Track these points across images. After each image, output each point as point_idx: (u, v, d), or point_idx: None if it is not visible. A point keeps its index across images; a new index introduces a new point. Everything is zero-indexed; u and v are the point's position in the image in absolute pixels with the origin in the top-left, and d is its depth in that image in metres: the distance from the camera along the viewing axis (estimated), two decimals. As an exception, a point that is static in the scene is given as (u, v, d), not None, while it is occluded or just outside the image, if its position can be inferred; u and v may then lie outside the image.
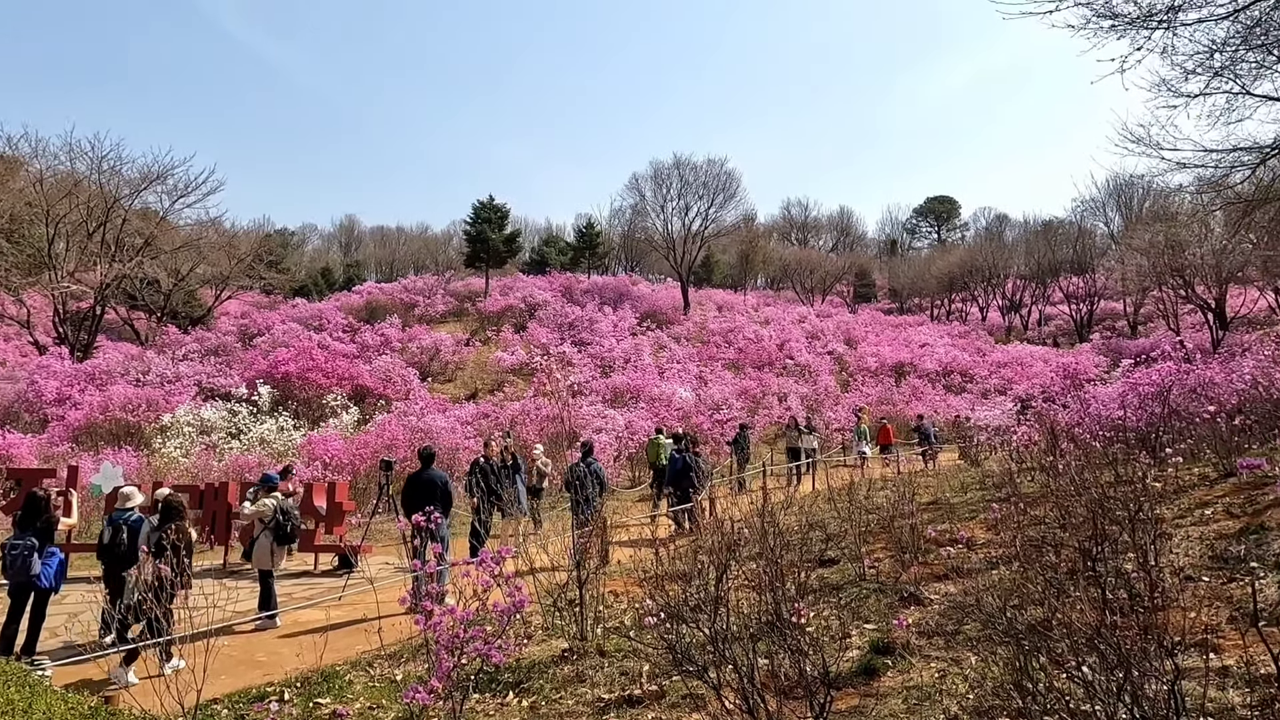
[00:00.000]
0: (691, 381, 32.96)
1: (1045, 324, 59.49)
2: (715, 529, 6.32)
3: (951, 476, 16.03)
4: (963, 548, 7.84)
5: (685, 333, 43.86)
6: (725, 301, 55.03)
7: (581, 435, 22.73)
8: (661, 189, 52.21)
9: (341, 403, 26.26)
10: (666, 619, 5.08)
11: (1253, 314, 39.86)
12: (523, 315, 44.75)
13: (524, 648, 6.89)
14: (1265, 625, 4.90)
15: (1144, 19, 13.14)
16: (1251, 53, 18.49)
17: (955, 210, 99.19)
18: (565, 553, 7.69)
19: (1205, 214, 30.02)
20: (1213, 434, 10.66)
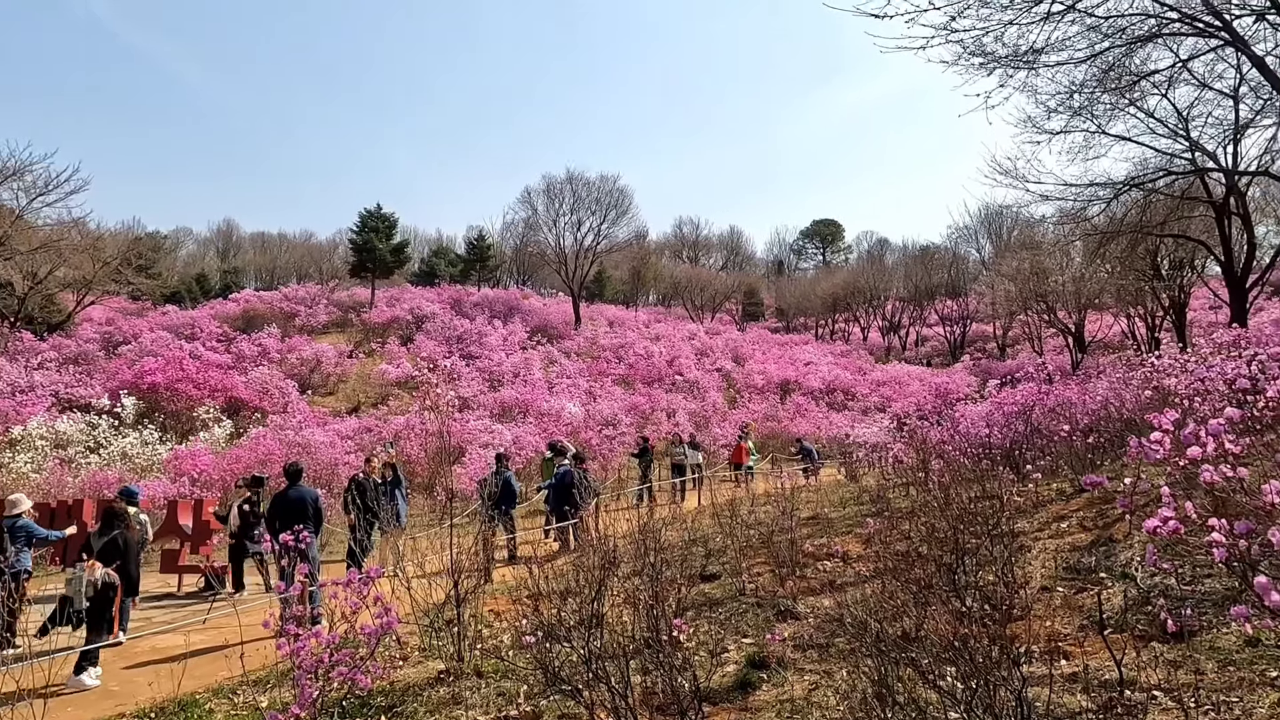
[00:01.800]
0: (581, 397, 32.88)
1: (922, 345, 62.17)
2: (595, 546, 6.28)
3: (831, 492, 16.48)
4: (838, 562, 8.04)
5: (576, 348, 43.79)
6: (617, 317, 55.26)
7: (468, 451, 22.37)
8: (554, 203, 52.20)
9: (214, 416, 25.02)
10: (544, 638, 5.00)
11: (1108, 338, 42.67)
12: (410, 327, 43.75)
13: (398, 670, 6.67)
14: (1111, 632, 5.19)
15: (1011, 58, 13.89)
16: (1107, 95, 19.85)
17: (839, 233, 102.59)
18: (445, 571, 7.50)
19: (1066, 244, 31.92)
20: (1069, 451, 11.30)
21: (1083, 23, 15.99)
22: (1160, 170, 22.02)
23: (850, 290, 66.94)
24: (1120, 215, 23.99)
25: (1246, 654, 4.40)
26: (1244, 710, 3.79)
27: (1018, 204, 34.89)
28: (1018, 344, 53.16)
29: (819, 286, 71.41)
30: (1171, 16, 16.81)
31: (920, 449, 12.35)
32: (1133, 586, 5.91)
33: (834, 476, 21.27)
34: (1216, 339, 11.13)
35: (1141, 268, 29.88)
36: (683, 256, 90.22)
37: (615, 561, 6.06)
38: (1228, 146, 22.40)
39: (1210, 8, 16.44)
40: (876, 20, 7.15)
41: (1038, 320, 43.54)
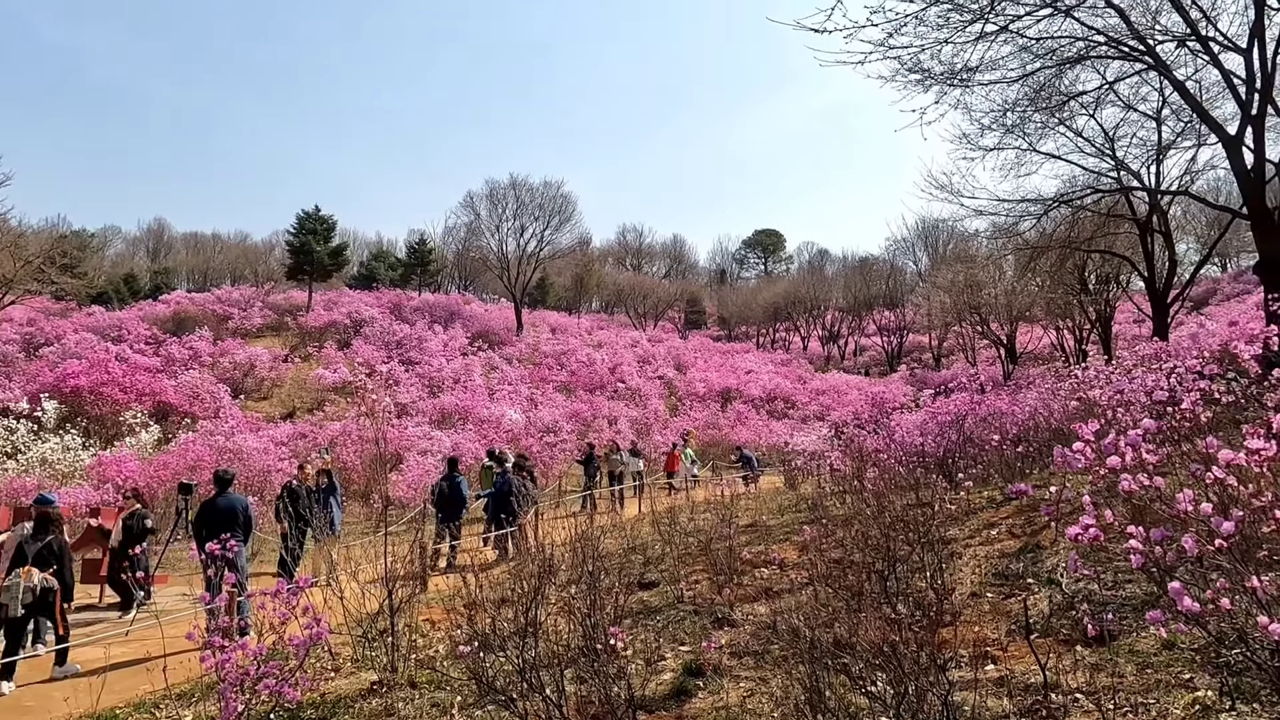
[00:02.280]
0: (523, 403, 32.70)
1: (860, 354, 63.24)
2: (533, 554, 6.23)
3: (771, 499, 16.64)
4: (776, 569, 8.10)
5: (518, 354, 43.53)
6: (559, 324, 55.09)
7: (406, 458, 22.05)
8: (497, 208, 51.86)
9: (141, 420, 24.23)
10: (479, 648, 4.94)
11: (1038, 350, 43.90)
12: (348, 332, 43.00)
13: (329, 681, 6.53)
14: (1037, 637, 5.31)
15: (946, 76, 14.24)
16: (1038, 113, 20.48)
17: (781, 243, 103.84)
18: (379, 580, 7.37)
19: (999, 257, 32.78)
20: (1000, 460, 11.59)
21: (1015, 43, 16.47)
22: (1088, 188, 22.76)
23: (791, 300, 67.82)
24: (1050, 231, 24.71)
25: (1164, 656, 4.54)
26: (1159, 711, 3.91)
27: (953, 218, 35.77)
28: (953, 354, 54.36)
29: (760, 296, 72.19)
30: (1098, 40, 17.41)
31: (856, 457, 12.53)
32: (1058, 592, 6.06)
33: (774, 484, 21.46)
34: (1139, 351, 11.51)
35: (1070, 282, 30.80)
36: (626, 264, 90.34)
37: (552, 570, 6.02)
38: (1151, 166, 23.26)
39: (1135, 32, 17.06)
40: (817, 35, 7.26)
41: (972, 332, 44.59)
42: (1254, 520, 2.79)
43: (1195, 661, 4.28)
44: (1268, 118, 16.10)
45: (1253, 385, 6.45)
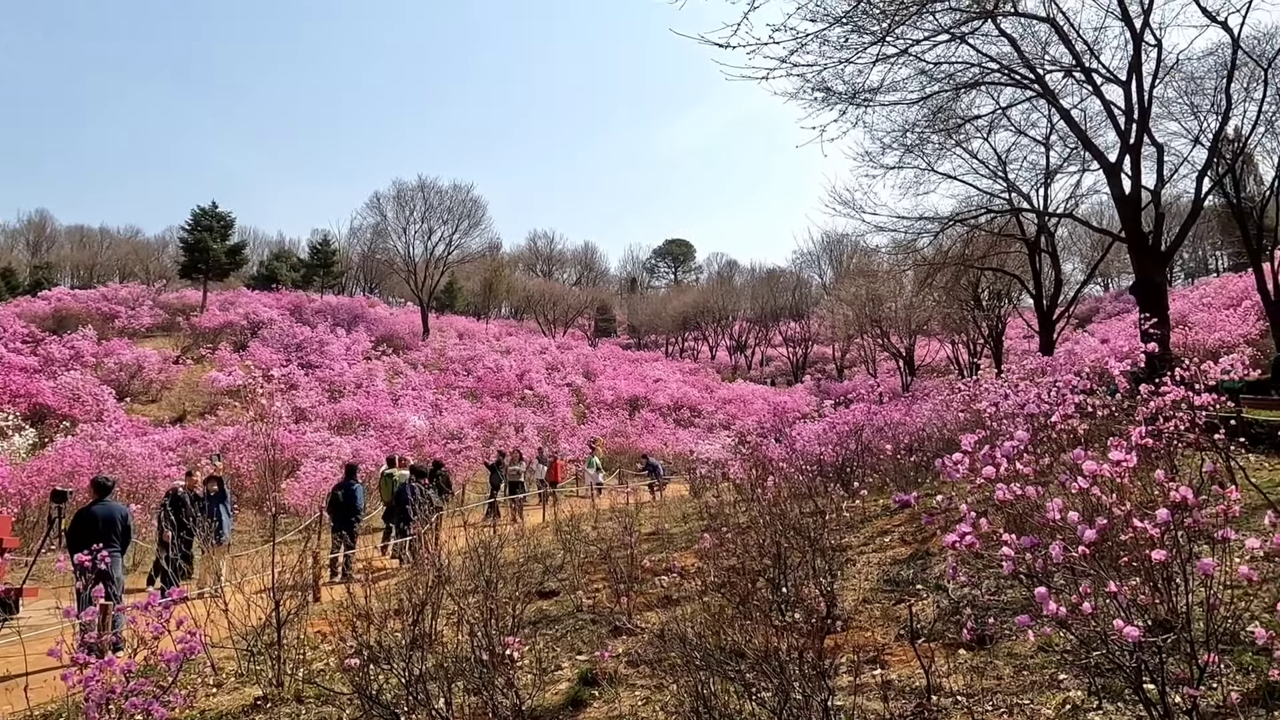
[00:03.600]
0: (427, 409, 32.12)
1: (767, 364, 64.38)
2: (429, 563, 6.11)
3: (675, 507, 16.74)
4: (676, 577, 8.13)
5: (423, 359, 42.76)
6: (467, 329, 54.37)
7: (303, 464, 21.38)
8: (405, 210, 50.88)
9: (14, 423, 22.81)
10: (367, 660, 4.80)
11: (935, 363, 45.52)
12: (245, 333, 41.45)
13: (210, 698, 6.26)
14: (923, 641, 5.48)
15: (849, 95, 14.64)
16: (936, 135, 21.28)
17: (691, 253, 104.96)
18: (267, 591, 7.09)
19: (899, 273, 33.93)
20: (895, 469, 11.94)
21: (914, 66, 17.09)
22: (982, 208, 23.77)
23: (700, 309, 68.60)
24: (946, 248, 25.72)
25: (1039, 658, 4.73)
26: (1032, 712, 4.06)
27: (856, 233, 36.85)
28: (855, 366, 55.85)
29: (670, 305, 72.79)
30: (992, 67, 18.21)
31: (758, 465, 12.72)
32: (945, 597, 6.27)
33: (679, 492, 21.62)
34: (1025, 365, 12.03)
35: (965, 298, 32.10)
36: (536, 270, 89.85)
37: (448, 579, 5.91)
38: (1040, 189, 24.51)
39: (1025, 61, 17.91)
40: (722, 49, 7.36)
41: (873, 344, 45.97)
42: (1115, 528, 2.93)
43: (1066, 663, 4.47)
44: (1144, 147, 17.10)
45: (1125, 400, 6.81)
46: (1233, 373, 7.70)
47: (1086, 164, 22.53)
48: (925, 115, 20.21)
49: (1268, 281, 22.05)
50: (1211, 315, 31.12)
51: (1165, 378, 7.07)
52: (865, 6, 9.07)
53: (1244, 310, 29.67)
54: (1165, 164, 19.12)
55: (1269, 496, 5.01)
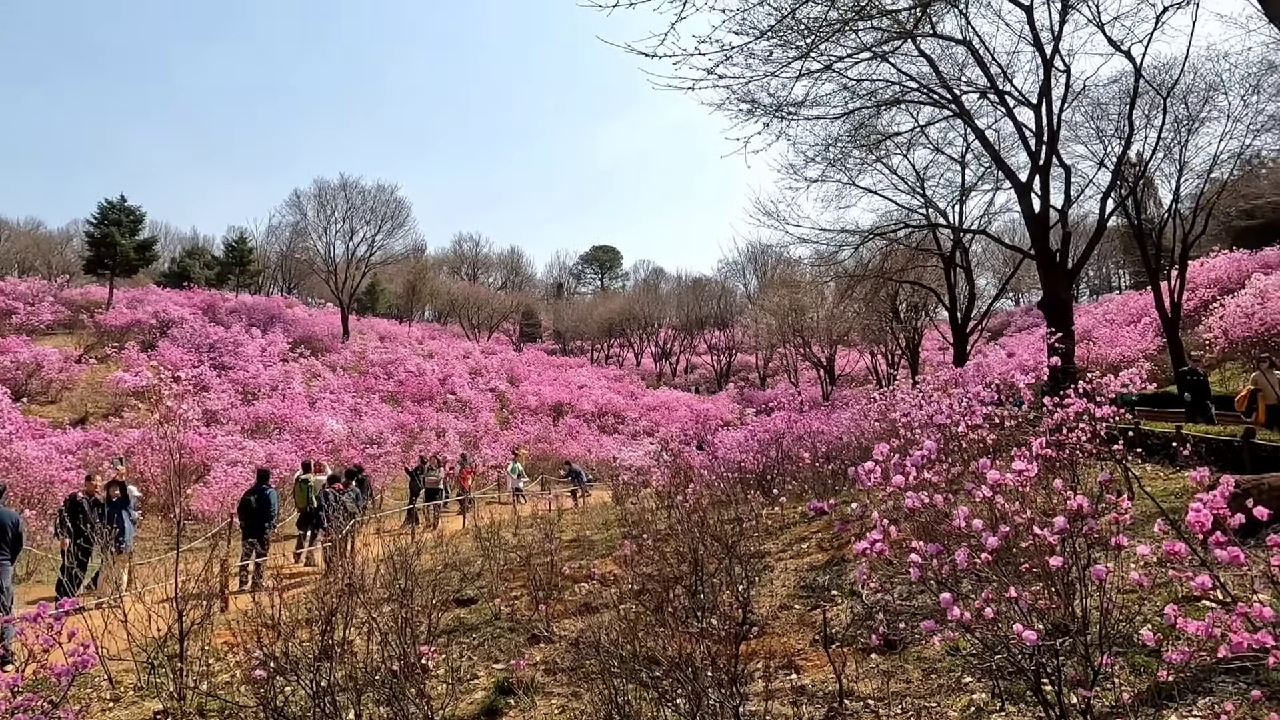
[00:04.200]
0: (345, 413, 31.42)
1: (691, 372, 64.88)
2: (342, 571, 5.97)
3: (597, 514, 16.73)
4: (596, 584, 8.12)
5: (343, 362, 41.81)
6: (388, 332, 53.37)
7: (214, 468, 20.69)
8: (326, 209, 49.66)
9: (-104, 424, 21.54)
10: (275, 672, 4.66)
11: (855, 372, 46.54)
12: (154, 332, 39.83)
13: (108, 712, 6.00)
14: (838, 646, 5.58)
15: (774, 108, 14.89)
16: (858, 150, 21.83)
17: (618, 260, 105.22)
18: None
19: (821, 284, 34.71)
20: (814, 476, 12.15)
21: (838, 82, 17.50)
22: (900, 223, 24.47)
23: (626, 316, 68.77)
24: (867, 260, 26.41)
25: (947, 662, 4.86)
26: (939, 714, 4.18)
27: (779, 244, 37.43)
28: (778, 374, 56.71)
29: (596, 311, 72.78)
30: (912, 86, 18.79)
31: (680, 473, 12.80)
32: (859, 603, 6.40)
33: (602, 499, 21.60)
34: (939, 376, 12.38)
35: (884, 310, 32.98)
36: (461, 273, 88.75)
37: (361, 587, 5.78)
38: (956, 206, 25.35)
39: (943, 82, 18.52)
40: (648, 59, 7.41)
41: (795, 353, 46.78)
42: (1018, 535, 3.05)
43: (972, 666, 4.61)
44: (1053, 168, 17.84)
45: (1031, 411, 7.07)
46: (1130, 387, 8.07)
47: (999, 183, 23.41)
48: (848, 130, 20.75)
49: (1165, 299, 23.22)
50: (1114, 331, 32.55)
51: (1069, 390, 7.38)
52: (790, 21, 9.24)
53: (1143, 326, 31.10)
54: (1072, 185, 19.99)
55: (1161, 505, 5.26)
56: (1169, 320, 23.11)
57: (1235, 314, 23.24)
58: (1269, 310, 21.44)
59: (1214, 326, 24.12)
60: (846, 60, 15.05)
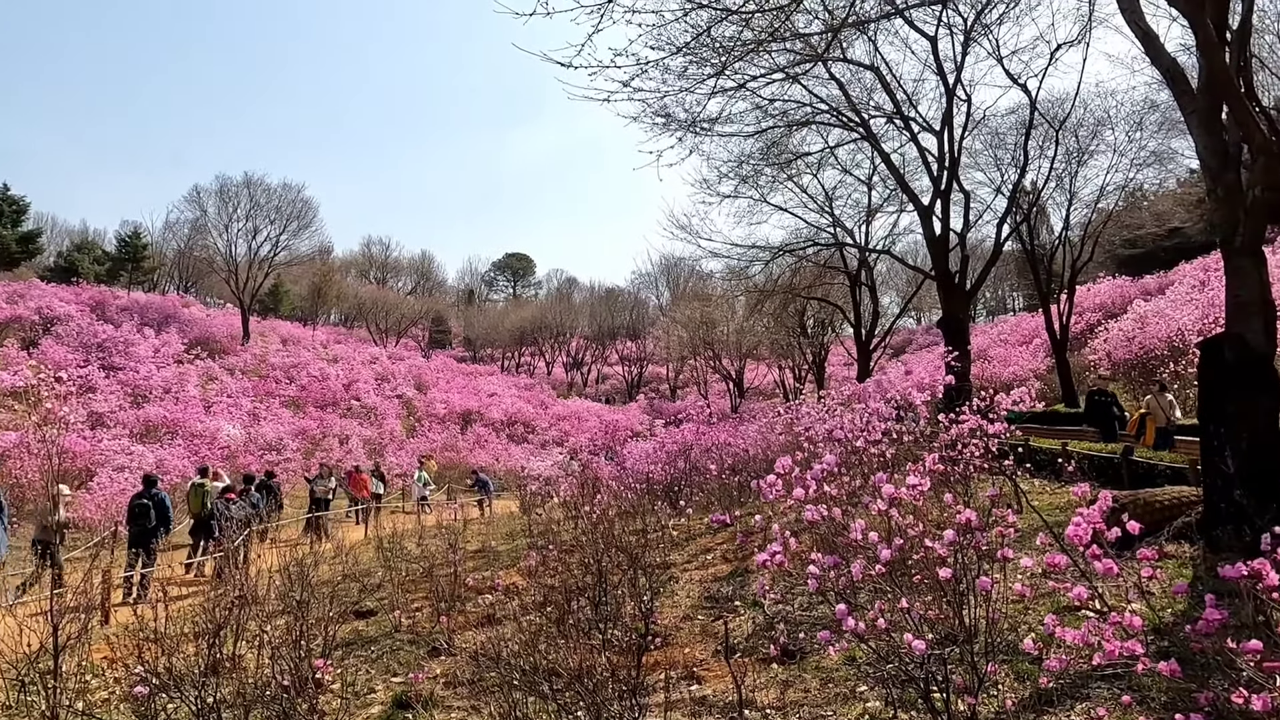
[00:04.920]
0: (243, 418, 30.31)
1: (602, 382, 64.93)
2: (233, 583, 5.74)
3: (504, 524, 16.55)
4: (500, 595, 8.03)
5: (242, 364, 40.30)
6: (292, 335, 51.74)
7: (99, 474, 19.70)
8: (228, 206, 47.81)
9: None
10: (158, 689, 4.45)
11: (763, 386, 47.35)
12: (36, 329, 37.68)
13: (-30, 735, 5.63)
14: (740, 656, 5.66)
15: (689, 123, 15.08)
16: (769, 168, 22.32)
17: (531, 268, 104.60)
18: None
19: (732, 298, 35.24)
20: (720, 488, 12.30)
21: (752, 101, 17.88)
22: (809, 240, 25.10)
23: (538, 325, 68.39)
24: (776, 276, 27.00)
25: (844, 671, 4.98)
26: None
27: (692, 257, 37.91)
28: (687, 386, 57.23)
29: (508, 319, 72.16)
30: (822, 108, 19.33)
31: (588, 483, 12.79)
32: (761, 613, 6.50)
33: (509, 509, 21.38)
34: (842, 392, 12.70)
35: (792, 325, 33.69)
36: (370, 277, 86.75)
37: (254, 599, 5.58)
38: (862, 226, 26.18)
39: (852, 105, 19.11)
40: (564, 68, 7.40)
41: (705, 365, 47.30)
42: (910, 548, 3.15)
43: (867, 675, 4.73)
44: (953, 193, 18.58)
45: (928, 427, 7.32)
46: (1021, 405, 8.44)
47: (903, 205, 24.26)
48: (760, 148, 21.21)
49: (1054, 322, 24.39)
50: (1007, 351, 33.96)
51: (964, 407, 7.68)
52: (705, 39, 9.38)
53: (1035, 347, 32.55)
54: (971, 210, 20.90)
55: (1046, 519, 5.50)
56: (1058, 342, 24.29)
57: (1118, 337, 24.53)
58: (1148, 334, 22.69)
59: (1098, 349, 25.42)
60: (760, 80, 15.39)
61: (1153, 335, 22.39)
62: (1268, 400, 6.93)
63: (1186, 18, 7.41)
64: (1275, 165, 7.06)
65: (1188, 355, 18.19)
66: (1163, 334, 21.81)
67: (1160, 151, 24.90)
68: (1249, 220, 7.10)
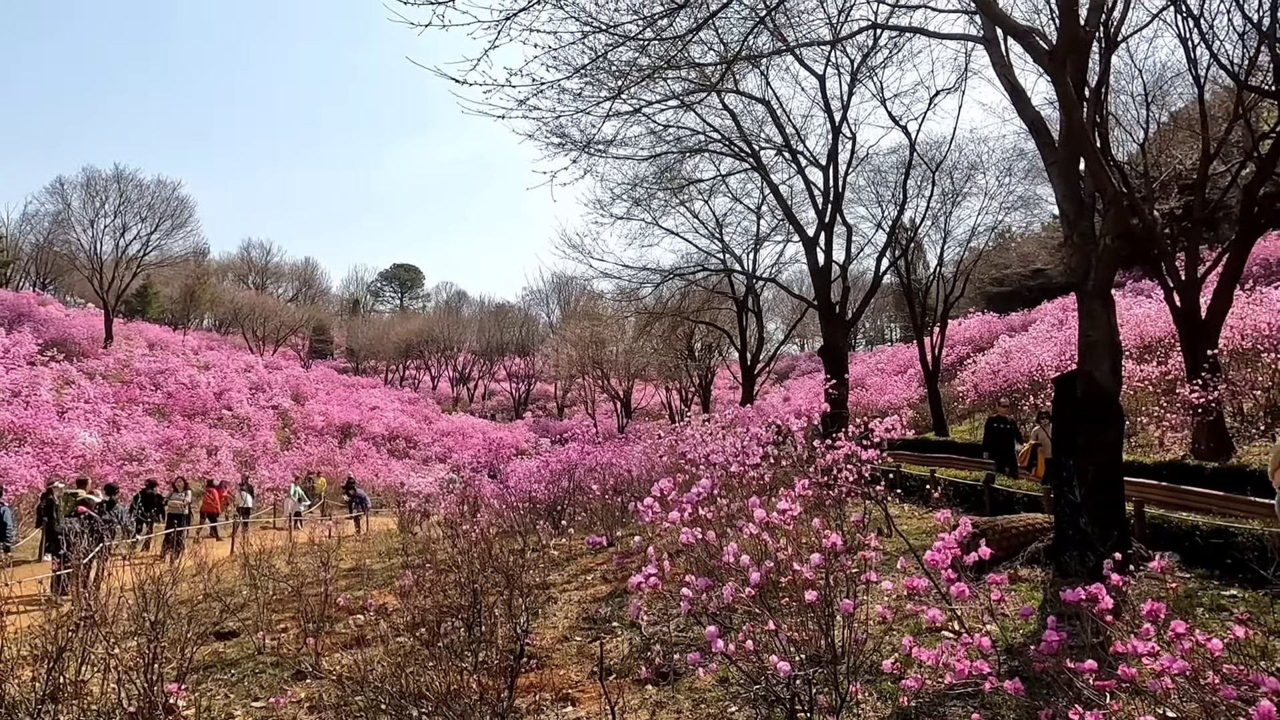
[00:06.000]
0: (102, 425, 28.54)
1: (489, 398, 64.11)
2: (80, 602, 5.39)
3: (380, 542, 16.10)
4: (372, 615, 7.80)
5: (104, 368, 37.95)
6: (160, 339, 49.05)
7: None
8: (95, 201, 44.98)
9: None
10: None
11: (650, 407, 47.76)
12: None
13: None
14: (615, 678, 5.67)
15: (584, 144, 15.18)
16: (663, 192, 22.67)
17: (419, 280, 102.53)
18: None
19: (622, 318, 35.48)
20: (604, 508, 12.33)
21: (647, 125, 18.17)
22: (699, 265, 25.62)
23: (425, 338, 67.08)
24: (666, 299, 27.37)
25: (716, 692, 5.05)
26: (704, 744, 4.33)
27: (584, 277, 38.02)
28: (575, 405, 57.15)
29: (394, 331, 70.47)
30: (715, 136, 19.80)
31: (470, 501, 12.61)
32: (638, 635, 6.53)
33: (387, 526, 20.83)
34: (725, 415, 12.95)
35: (680, 347, 34.17)
36: (249, 282, 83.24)
37: (104, 619, 5.26)
38: (750, 253, 26.90)
39: (744, 136, 19.64)
40: (460, 85, 7.34)
41: (593, 385, 47.36)
42: (780, 571, 3.24)
43: (737, 696, 4.81)
44: (837, 226, 19.29)
45: (805, 451, 7.54)
46: (893, 432, 8.78)
47: (790, 235, 25.04)
48: (654, 172, 21.55)
49: (927, 353, 25.56)
50: (884, 379, 35.34)
51: (839, 434, 7.94)
52: (602, 63, 9.48)
53: (909, 377, 33.99)
54: (853, 243, 21.80)
55: (911, 543, 5.74)
56: (930, 372, 25.45)
57: (984, 370, 25.90)
58: (1011, 368, 24.05)
59: (966, 380, 26.77)
60: (656, 105, 15.63)
61: (1016, 369, 23.74)
62: (1113, 434, 7.45)
63: (1050, 75, 7.95)
64: (1124, 216, 7.64)
65: (1046, 389, 19.32)
66: (1024, 369, 23.15)
67: (1027, 196, 26.68)
68: (1100, 266, 7.63)
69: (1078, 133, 7.64)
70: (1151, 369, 18.30)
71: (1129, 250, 13.94)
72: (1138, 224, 13.16)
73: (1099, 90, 13.32)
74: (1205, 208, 15.57)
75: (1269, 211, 15.22)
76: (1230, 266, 14.05)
